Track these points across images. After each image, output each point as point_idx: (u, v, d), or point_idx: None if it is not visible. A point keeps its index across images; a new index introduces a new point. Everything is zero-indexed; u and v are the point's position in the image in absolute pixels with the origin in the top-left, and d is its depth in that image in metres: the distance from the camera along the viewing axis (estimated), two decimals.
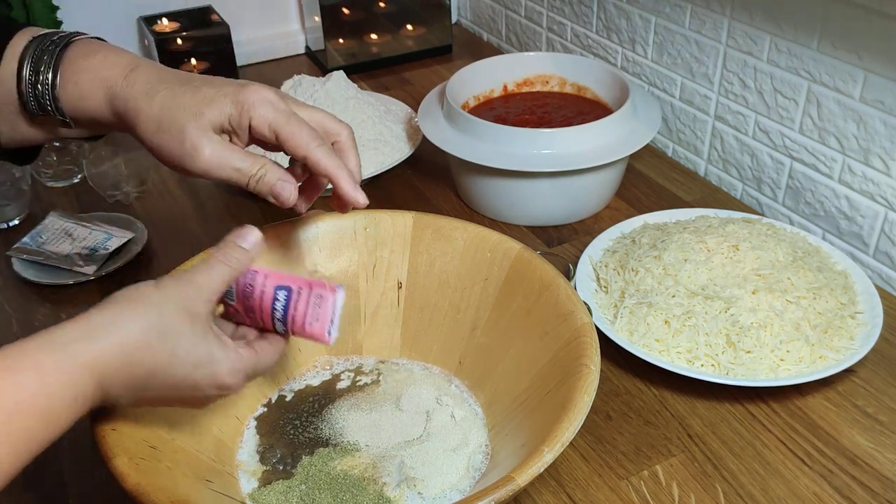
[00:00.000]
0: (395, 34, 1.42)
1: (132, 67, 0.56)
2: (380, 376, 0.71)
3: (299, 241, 0.72)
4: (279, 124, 0.55)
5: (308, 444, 0.65)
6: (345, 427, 0.66)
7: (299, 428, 0.67)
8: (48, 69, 0.56)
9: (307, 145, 0.56)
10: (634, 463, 0.68)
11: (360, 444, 0.65)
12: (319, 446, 0.65)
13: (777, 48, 0.92)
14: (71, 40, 0.57)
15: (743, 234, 0.81)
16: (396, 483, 0.61)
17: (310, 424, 0.67)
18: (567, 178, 0.92)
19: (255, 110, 0.55)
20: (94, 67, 0.56)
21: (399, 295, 0.73)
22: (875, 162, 0.85)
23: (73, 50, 0.57)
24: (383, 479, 0.61)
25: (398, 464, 0.62)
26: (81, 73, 0.56)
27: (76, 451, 0.70)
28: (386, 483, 0.61)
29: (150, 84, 0.55)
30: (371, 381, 0.71)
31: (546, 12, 1.32)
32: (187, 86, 0.55)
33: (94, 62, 0.56)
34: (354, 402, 0.69)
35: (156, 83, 0.55)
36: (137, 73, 0.56)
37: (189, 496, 0.53)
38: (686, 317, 0.74)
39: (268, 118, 0.55)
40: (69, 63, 0.56)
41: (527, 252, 0.68)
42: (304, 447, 0.65)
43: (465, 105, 1.06)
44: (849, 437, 0.69)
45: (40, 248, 0.92)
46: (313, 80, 1.09)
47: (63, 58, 0.56)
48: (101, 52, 0.57)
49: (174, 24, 1.31)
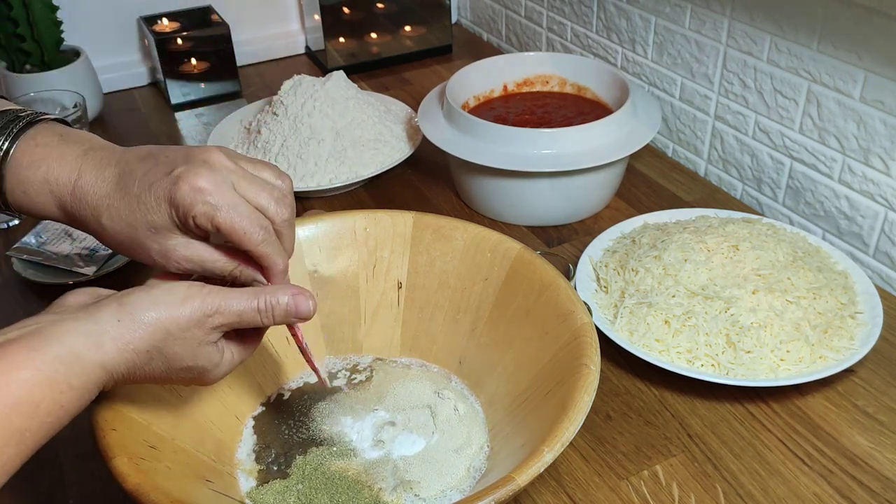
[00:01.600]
0: (395, 34, 1.42)
1: (76, 178, 0.53)
2: (373, 373, 0.72)
3: (299, 241, 0.72)
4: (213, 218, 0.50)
5: (301, 443, 0.65)
6: (335, 426, 0.66)
7: (293, 427, 0.67)
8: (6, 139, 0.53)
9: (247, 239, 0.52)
10: (634, 463, 0.68)
11: (355, 444, 0.65)
12: (312, 446, 0.65)
13: (777, 48, 0.92)
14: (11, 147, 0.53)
15: (743, 234, 0.81)
16: (393, 487, 0.61)
17: (302, 424, 0.67)
18: (567, 178, 0.92)
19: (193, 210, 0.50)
20: (40, 180, 0.53)
21: (399, 295, 0.73)
22: (875, 162, 0.85)
23: (19, 158, 0.53)
24: (379, 486, 0.61)
25: (392, 468, 0.62)
26: (28, 185, 0.54)
27: (76, 451, 0.70)
28: (382, 489, 0.61)
29: (96, 201, 0.52)
30: (365, 379, 0.71)
31: (546, 12, 1.32)
32: (124, 193, 0.52)
33: (40, 174, 0.53)
34: (346, 400, 0.69)
35: (101, 200, 0.52)
36: (82, 186, 0.53)
37: (189, 496, 0.53)
38: (686, 317, 0.74)
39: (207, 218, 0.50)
40: (15, 174, 0.53)
41: (527, 252, 0.69)
42: (298, 447, 0.65)
43: (465, 105, 1.06)
44: (849, 437, 0.69)
45: (40, 248, 0.92)
46: (313, 80, 1.09)
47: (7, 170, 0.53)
48: (45, 164, 0.53)
49: (174, 24, 1.31)
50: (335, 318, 0.73)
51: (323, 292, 0.72)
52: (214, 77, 1.31)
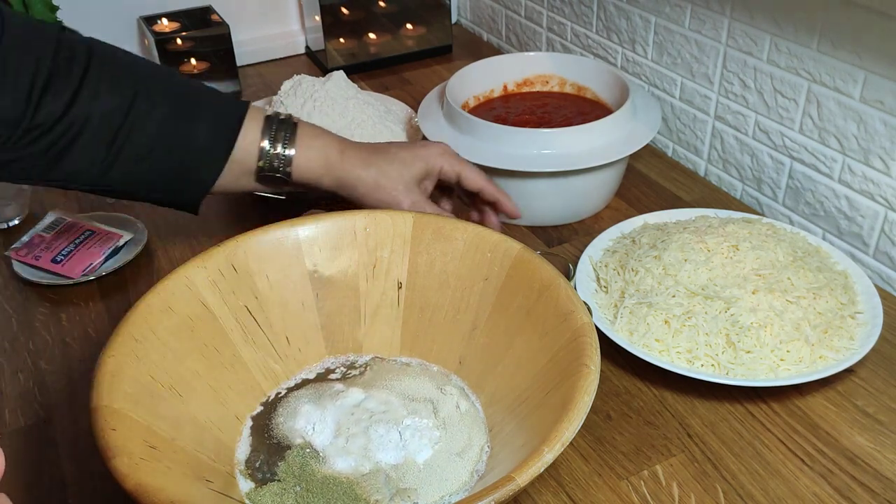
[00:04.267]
0: (395, 34, 1.42)
1: (342, 149, 0.78)
2: (367, 369, 0.72)
3: (299, 241, 0.72)
4: (457, 171, 0.81)
5: (281, 447, 0.65)
6: (299, 420, 0.66)
7: (272, 429, 0.66)
8: (287, 147, 0.76)
9: (479, 181, 0.82)
10: (634, 463, 0.68)
11: (314, 434, 0.64)
12: (295, 448, 0.64)
13: (777, 48, 0.92)
14: (295, 122, 0.78)
15: (743, 234, 0.81)
16: (390, 497, 0.60)
17: (278, 425, 0.67)
18: (567, 178, 0.92)
19: (441, 165, 0.80)
20: (318, 147, 0.77)
21: (399, 295, 0.73)
22: (875, 162, 0.85)
23: (302, 133, 0.77)
24: (375, 497, 0.60)
25: (384, 477, 0.61)
26: (310, 150, 0.77)
27: (76, 451, 0.70)
28: (378, 500, 0.60)
29: (360, 160, 0.78)
30: (359, 373, 0.71)
31: (546, 12, 1.32)
32: (387, 156, 0.79)
33: (318, 144, 0.77)
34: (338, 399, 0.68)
35: (365, 158, 0.78)
36: (348, 153, 0.78)
37: (189, 496, 0.53)
38: (686, 317, 0.74)
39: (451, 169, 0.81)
40: (301, 141, 0.77)
41: (527, 252, 0.68)
42: (283, 449, 0.64)
43: (465, 105, 1.06)
44: (849, 437, 0.69)
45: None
46: (313, 80, 1.09)
47: (296, 139, 0.77)
48: (321, 137, 0.78)
49: (174, 24, 1.31)
50: (335, 318, 0.73)
51: (323, 292, 0.72)
52: (214, 77, 1.31)
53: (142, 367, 0.60)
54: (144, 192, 0.76)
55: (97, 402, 0.55)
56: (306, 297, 0.72)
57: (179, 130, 0.73)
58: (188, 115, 0.74)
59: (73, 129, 0.69)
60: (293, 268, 0.72)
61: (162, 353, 0.62)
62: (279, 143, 0.76)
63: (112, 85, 0.70)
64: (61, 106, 0.68)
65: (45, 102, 0.67)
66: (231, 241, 0.69)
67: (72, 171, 0.71)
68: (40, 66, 0.67)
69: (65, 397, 0.76)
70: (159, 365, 0.61)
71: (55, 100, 0.68)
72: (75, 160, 0.70)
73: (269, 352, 0.70)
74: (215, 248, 0.69)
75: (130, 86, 0.71)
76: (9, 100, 0.66)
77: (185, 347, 0.64)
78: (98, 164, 0.71)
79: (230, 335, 0.68)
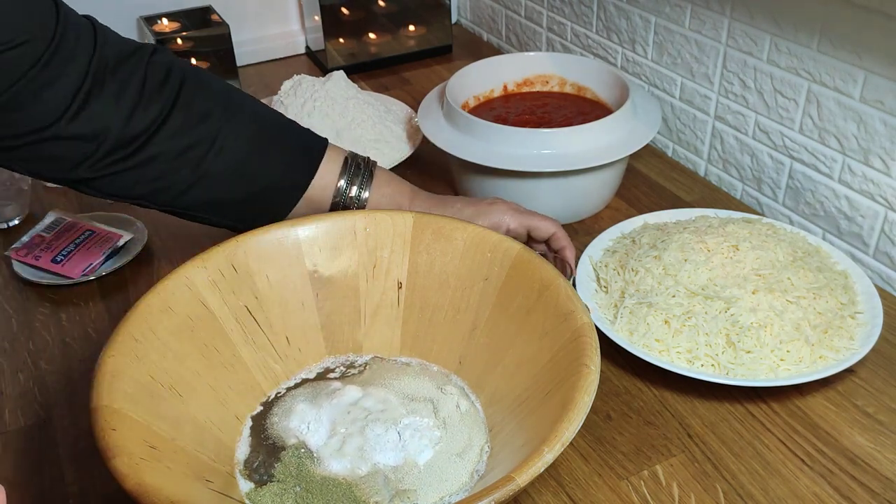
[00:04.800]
0: (395, 34, 1.42)
1: (412, 198, 0.81)
2: (367, 368, 0.72)
3: (299, 241, 0.72)
4: (527, 225, 0.80)
5: (276, 448, 0.64)
6: (294, 419, 0.66)
7: (268, 428, 0.66)
8: (363, 189, 0.78)
9: (550, 228, 0.80)
10: (634, 463, 0.68)
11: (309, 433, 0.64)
12: (291, 449, 0.64)
13: (777, 48, 0.92)
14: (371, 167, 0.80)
15: (743, 234, 0.81)
16: (389, 499, 0.60)
17: (274, 424, 0.67)
18: (567, 178, 0.92)
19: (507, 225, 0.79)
20: (390, 195, 0.80)
21: (399, 295, 0.73)
22: (875, 162, 0.85)
23: (378, 178, 0.79)
24: (374, 499, 0.60)
25: (384, 478, 0.62)
26: (382, 194, 0.80)
27: (76, 451, 0.70)
28: (378, 502, 0.60)
29: (426, 208, 0.79)
30: (358, 372, 0.71)
31: (546, 12, 1.32)
32: (452, 211, 0.79)
33: (390, 190, 0.80)
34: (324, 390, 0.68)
35: (431, 208, 0.79)
36: (416, 200, 0.80)
37: (189, 496, 0.53)
38: (686, 317, 0.74)
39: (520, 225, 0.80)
40: (376, 186, 0.79)
41: (527, 252, 0.68)
42: (279, 450, 0.64)
43: (465, 105, 1.06)
44: (849, 437, 0.69)
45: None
46: (313, 80, 1.09)
47: (372, 182, 0.79)
48: (394, 183, 0.81)
49: (174, 24, 1.31)
50: (335, 318, 0.73)
51: (323, 292, 0.72)
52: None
53: (142, 367, 0.60)
54: (217, 218, 0.76)
55: (97, 402, 0.55)
56: (306, 297, 0.72)
57: (260, 161, 0.74)
58: (270, 146, 0.75)
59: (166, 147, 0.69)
60: (293, 268, 0.72)
61: (162, 353, 0.62)
62: (355, 185, 0.78)
63: (201, 110, 0.71)
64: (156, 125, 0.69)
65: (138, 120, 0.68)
66: (231, 241, 0.69)
67: (160, 187, 0.71)
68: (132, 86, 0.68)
69: (65, 397, 0.76)
70: (159, 365, 0.61)
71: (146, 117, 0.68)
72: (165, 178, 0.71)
73: (269, 352, 0.70)
74: (215, 247, 0.69)
75: (220, 114, 0.72)
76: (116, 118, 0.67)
77: (185, 347, 0.64)
78: (181, 184, 0.71)
79: (230, 335, 0.68)
